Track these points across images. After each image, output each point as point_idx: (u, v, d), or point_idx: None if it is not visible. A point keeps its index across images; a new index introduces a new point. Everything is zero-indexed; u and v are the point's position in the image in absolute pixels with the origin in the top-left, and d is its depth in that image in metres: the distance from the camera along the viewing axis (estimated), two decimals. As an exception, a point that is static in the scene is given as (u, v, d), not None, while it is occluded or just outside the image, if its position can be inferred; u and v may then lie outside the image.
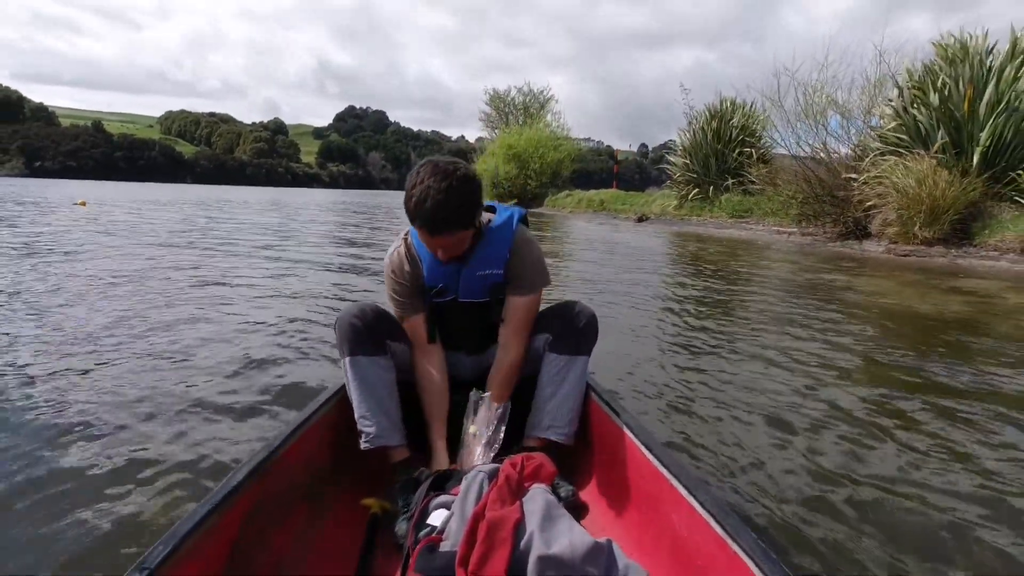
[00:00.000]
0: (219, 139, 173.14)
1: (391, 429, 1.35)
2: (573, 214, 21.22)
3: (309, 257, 6.95)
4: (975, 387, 2.58)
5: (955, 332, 3.75)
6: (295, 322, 3.41)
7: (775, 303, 4.75)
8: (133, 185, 62.55)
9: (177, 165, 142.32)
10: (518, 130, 28.12)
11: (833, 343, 3.31)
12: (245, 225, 11.89)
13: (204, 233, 9.53)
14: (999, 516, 1.51)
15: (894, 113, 9.66)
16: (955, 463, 1.81)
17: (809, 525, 1.44)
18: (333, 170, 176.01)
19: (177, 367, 2.52)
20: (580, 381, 1.44)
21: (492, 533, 0.93)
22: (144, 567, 0.74)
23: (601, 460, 1.40)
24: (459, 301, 1.49)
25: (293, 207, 22.92)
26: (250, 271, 5.54)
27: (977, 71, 8.53)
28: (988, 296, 5.35)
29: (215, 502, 0.89)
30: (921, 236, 8.39)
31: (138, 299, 3.91)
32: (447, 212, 1.25)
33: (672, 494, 1.02)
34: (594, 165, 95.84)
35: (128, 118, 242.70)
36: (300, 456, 1.20)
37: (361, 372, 1.35)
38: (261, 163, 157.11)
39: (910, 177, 8.36)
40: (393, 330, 1.45)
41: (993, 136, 8.23)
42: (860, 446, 1.92)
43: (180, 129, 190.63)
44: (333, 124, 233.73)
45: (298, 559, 1.10)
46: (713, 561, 0.87)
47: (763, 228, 12.70)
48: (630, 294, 4.90)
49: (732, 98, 15.56)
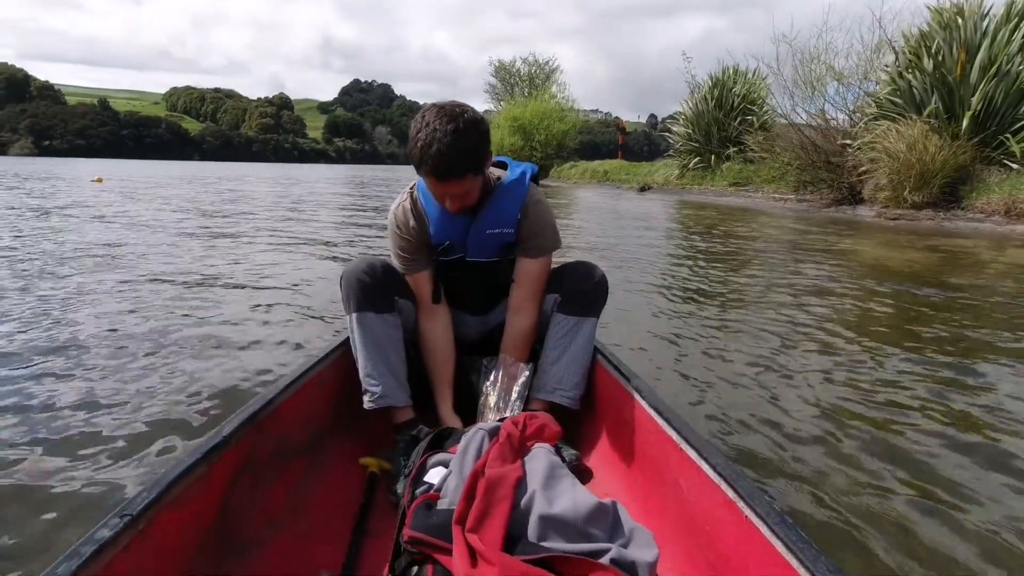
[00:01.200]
0: (225, 115, 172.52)
1: (397, 389, 1.31)
2: (578, 185, 21.43)
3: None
4: (947, 335, 2.98)
5: (929, 287, 4.13)
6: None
7: (766, 264, 5.13)
8: (143, 163, 62.99)
9: (184, 142, 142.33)
10: (523, 102, 28.06)
11: (817, 299, 3.70)
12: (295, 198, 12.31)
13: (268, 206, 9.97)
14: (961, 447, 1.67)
15: (890, 79, 9.79)
16: (930, 401, 2.22)
17: (800, 463, 1.48)
18: (339, 145, 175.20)
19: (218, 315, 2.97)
20: (588, 343, 1.40)
21: (491, 491, 0.90)
22: (125, 514, 0.71)
23: (608, 424, 1.37)
24: (466, 260, 1.43)
25: (307, 182, 23.26)
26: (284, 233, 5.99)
27: (971, 35, 8.64)
28: (964, 254, 5.68)
29: (204, 452, 0.87)
30: (911, 200, 8.63)
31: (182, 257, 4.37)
32: (455, 156, 1.18)
33: (681, 458, 0.99)
34: (602, 136, 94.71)
35: (134, 95, 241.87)
36: (298, 411, 1.18)
37: (369, 329, 1.30)
38: (268, 139, 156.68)
39: (901, 142, 8.56)
40: (402, 287, 1.40)
41: (984, 100, 8.39)
42: (855, 391, 2.04)
43: (185, 106, 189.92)
44: (339, 98, 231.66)
45: (293, 516, 1.08)
46: (723, 525, 0.85)
47: (762, 196, 12.93)
48: (634, 254, 5.29)
49: (735, 66, 15.58)
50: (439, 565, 0.84)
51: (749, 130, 13.50)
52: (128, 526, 0.69)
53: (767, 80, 14.40)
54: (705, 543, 0.90)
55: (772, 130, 12.04)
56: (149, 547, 0.73)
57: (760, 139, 12.17)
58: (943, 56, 8.84)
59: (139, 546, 0.71)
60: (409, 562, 0.88)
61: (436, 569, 0.84)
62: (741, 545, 0.80)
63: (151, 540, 0.74)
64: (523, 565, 0.78)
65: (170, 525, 0.78)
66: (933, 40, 9.11)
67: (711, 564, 0.88)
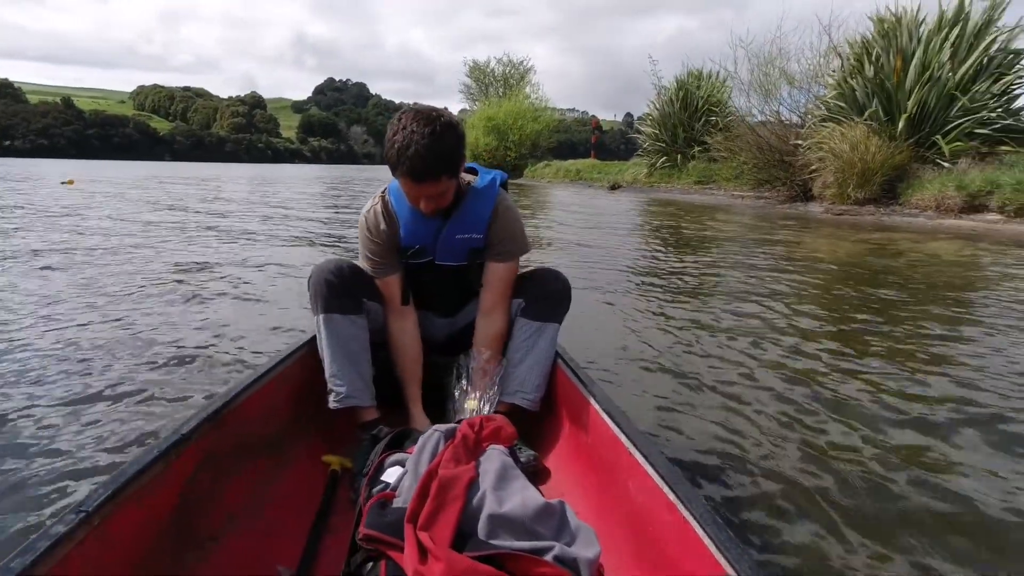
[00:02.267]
0: (195, 114, 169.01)
1: (362, 389, 1.34)
2: (551, 183, 21.91)
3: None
4: (879, 314, 3.47)
5: (864, 274, 4.66)
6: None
7: (718, 255, 5.63)
8: (113, 163, 61.46)
9: (154, 142, 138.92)
10: (497, 102, 28.46)
11: (768, 287, 4.18)
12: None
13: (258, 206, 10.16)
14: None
15: (836, 83, 10.45)
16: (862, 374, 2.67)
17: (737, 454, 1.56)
18: (314, 145, 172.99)
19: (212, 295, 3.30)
20: (550, 348, 1.44)
21: (444, 490, 0.93)
22: (81, 509, 0.71)
23: (565, 427, 1.41)
24: (435, 263, 1.46)
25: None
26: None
27: (907, 43, 9.32)
28: (889, 245, 6.27)
29: (163, 448, 0.87)
30: (854, 197, 9.29)
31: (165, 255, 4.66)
32: (432, 158, 1.20)
33: (630, 462, 1.04)
34: (579, 135, 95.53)
35: (99, 94, 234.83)
36: (261, 408, 1.19)
37: (335, 330, 1.32)
38: (240, 138, 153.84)
39: (845, 143, 9.21)
40: (369, 288, 1.42)
41: (918, 104, 9.07)
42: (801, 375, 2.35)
43: (154, 104, 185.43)
44: (313, 97, 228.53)
45: (253, 512, 1.09)
46: (665, 527, 0.90)
47: (723, 193, 13.56)
48: (602, 247, 5.74)
49: (699, 70, 16.21)
50: (392, 562, 0.87)
51: (712, 131, 14.13)
52: (84, 521, 0.69)
53: (727, 83, 15.06)
54: (647, 542, 0.95)
55: (732, 131, 12.63)
56: (106, 542, 0.73)
57: (720, 139, 12.78)
58: (882, 63, 9.52)
59: (95, 541, 0.71)
60: (364, 559, 0.90)
61: (389, 566, 0.87)
62: (678, 544, 0.85)
63: (108, 535, 0.74)
64: (470, 561, 0.81)
65: (127, 521, 0.78)
66: (874, 48, 9.79)
67: (652, 562, 0.93)
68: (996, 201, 7.68)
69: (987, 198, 7.85)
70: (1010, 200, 7.48)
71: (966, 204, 8.02)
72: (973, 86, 8.82)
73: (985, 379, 2.16)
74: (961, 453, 1.64)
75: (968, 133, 8.79)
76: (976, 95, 8.77)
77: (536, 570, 0.82)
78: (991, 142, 8.73)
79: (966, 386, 2.10)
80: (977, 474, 1.52)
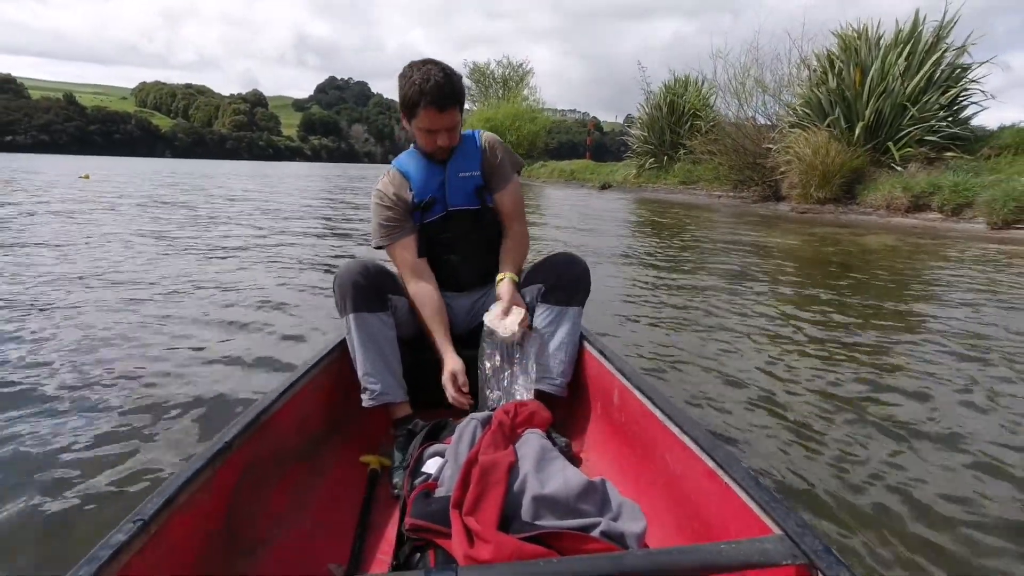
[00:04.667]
0: (196, 112, 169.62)
1: (395, 386, 1.36)
2: (546, 183, 22.81)
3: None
4: (835, 300, 4.34)
5: (822, 264, 5.55)
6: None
7: (690, 247, 6.52)
8: (117, 159, 62.05)
9: (155, 139, 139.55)
10: (495, 104, 29.31)
11: (722, 273, 5.03)
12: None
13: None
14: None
15: (803, 92, 11.35)
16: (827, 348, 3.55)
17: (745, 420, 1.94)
18: (315, 143, 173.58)
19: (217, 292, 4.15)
20: (573, 332, 1.45)
21: (486, 476, 0.94)
22: (138, 518, 0.74)
23: (596, 408, 1.42)
24: (450, 211, 1.51)
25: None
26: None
27: (866, 57, 10.21)
28: (836, 240, 7.17)
29: (207, 458, 0.90)
30: (816, 196, 10.18)
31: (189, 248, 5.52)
32: (450, 86, 1.34)
33: (666, 435, 1.04)
34: (579, 136, 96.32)
35: (100, 90, 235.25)
36: (295, 415, 1.21)
37: (366, 329, 1.35)
38: (241, 136, 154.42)
39: (808, 147, 10.10)
40: (393, 284, 1.44)
41: (875, 113, 9.96)
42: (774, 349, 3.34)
43: (156, 102, 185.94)
44: (314, 96, 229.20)
45: (297, 515, 1.11)
46: (707, 494, 0.91)
47: (704, 193, 14.46)
48: (589, 236, 6.62)
49: (686, 76, 17.11)
50: (440, 549, 0.89)
51: (696, 134, 15.01)
52: (141, 530, 0.73)
53: (707, 90, 15.99)
54: (692, 512, 0.96)
55: (711, 135, 13.51)
56: (162, 549, 0.77)
57: (699, 142, 13.67)
58: (844, 75, 10.41)
59: (152, 549, 0.75)
60: (412, 549, 0.92)
61: (437, 553, 0.89)
62: (723, 510, 0.86)
63: (163, 543, 0.77)
64: (517, 542, 0.82)
65: (180, 527, 0.81)
66: (837, 61, 10.67)
67: (696, 531, 0.94)
68: (937, 201, 8.56)
69: (930, 199, 8.72)
70: (948, 200, 8.35)
71: (911, 204, 8.90)
72: (923, 97, 9.71)
73: (906, 338, 3.05)
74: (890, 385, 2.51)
75: (918, 140, 9.68)
76: (925, 106, 9.66)
77: (584, 546, 0.83)
78: (938, 148, 9.62)
79: (889, 345, 2.94)
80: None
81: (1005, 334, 2.79)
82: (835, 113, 10.37)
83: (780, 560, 0.69)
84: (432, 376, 1.46)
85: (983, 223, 7.67)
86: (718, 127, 13.86)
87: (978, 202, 7.88)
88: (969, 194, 8.08)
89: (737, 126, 12.71)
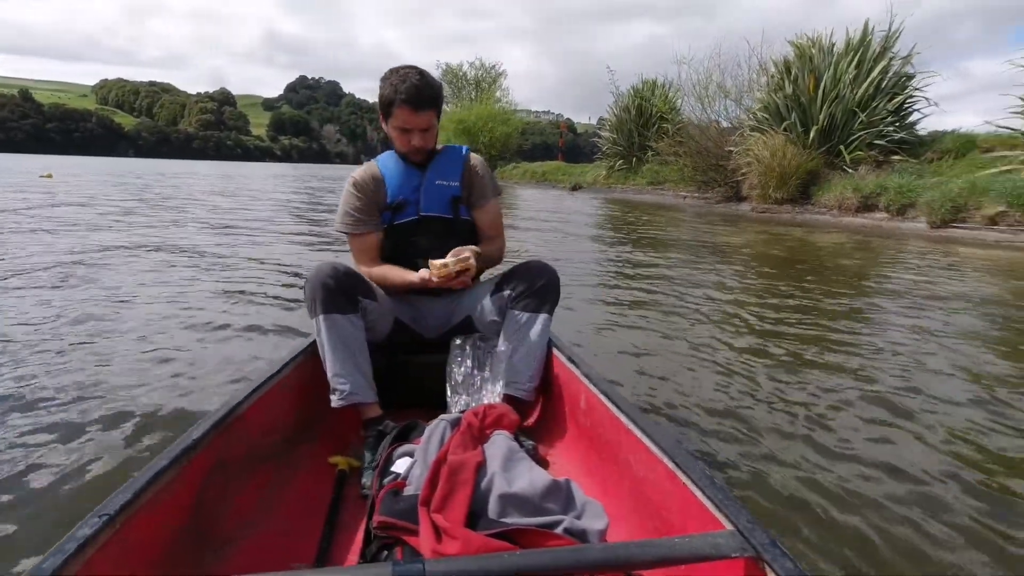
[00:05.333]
0: (161, 110, 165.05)
1: (365, 386, 1.38)
2: (519, 184, 23.07)
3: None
4: (789, 288, 4.65)
5: (750, 256, 5.87)
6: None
7: (655, 244, 6.80)
8: (77, 159, 59.91)
9: (117, 137, 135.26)
10: (468, 105, 29.45)
11: (708, 270, 5.33)
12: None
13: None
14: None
15: (762, 97, 11.85)
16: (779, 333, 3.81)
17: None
18: (286, 143, 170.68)
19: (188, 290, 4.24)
20: (541, 339, 1.48)
21: (454, 475, 0.96)
22: (103, 513, 0.74)
23: (563, 413, 1.46)
24: (422, 216, 1.55)
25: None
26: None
27: (819, 64, 10.74)
28: (785, 237, 7.56)
29: (174, 455, 0.90)
30: (774, 197, 10.65)
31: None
32: (426, 87, 1.41)
33: (629, 438, 1.09)
34: (553, 138, 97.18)
35: (59, 87, 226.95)
36: (265, 415, 1.22)
37: (336, 330, 1.36)
38: (209, 135, 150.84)
39: (766, 150, 10.57)
40: (365, 288, 1.45)
41: (828, 117, 10.48)
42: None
43: (118, 99, 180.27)
44: (284, 95, 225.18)
45: (265, 515, 1.12)
46: (667, 494, 0.95)
47: (671, 194, 14.91)
48: (559, 234, 6.85)
49: (653, 80, 17.58)
50: (408, 546, 0.90)
51: (663, 136, 15.45)
52: (106, 525, 0.73)
53: (673, 94, 16.48)
54: (652, 511, 1.00)
55: (676, 137, 13.96)
56: (127, 545, 0.77)
57: (665, 144, 14.11)
58: (799, 81, 10.92)
59: (117, 545, 0.75)
60: (379, 547, 0.94)
61: (405, 550, 0.90)
62: (681, 508, 0.91)
63: (129, 538, 0.77)
64: (484, 538, 0.85)
65: (146, 524, 0.81)
66: (793, 68, 11.19)
67: (656, 528, 0.98)
68: (883, 202, 9.08)
69: (877, 199, 9.24)
70: (893, 201, 8.87)
71: (861, 204, 9.42)
72: (872, 103, 10.26)
73: (846, 320, 3.33)
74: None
75: (868, 144, 10.23)
76: (874, 111, 10.21)
77: (548, 542, 0.87)
78: (886, 152, 10.19)
79: (829, 322, 3.26)
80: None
81: (938, 324, 3.11)
82: (791, 118, 10.88)
83: (730, 553, 0.73)
84: (402, 378, 1.52)
85: (924, 222, 8.19)
86: (683, 130, 14.32)
87: (920, 203, 8.40)
88: (912, 195, 8.61)
89: (701, 129, 13.15)
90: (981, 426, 1.82)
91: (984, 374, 2.29)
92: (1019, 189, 7.24)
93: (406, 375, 1.53)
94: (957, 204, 7.77)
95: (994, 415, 1.90)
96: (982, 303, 3.62)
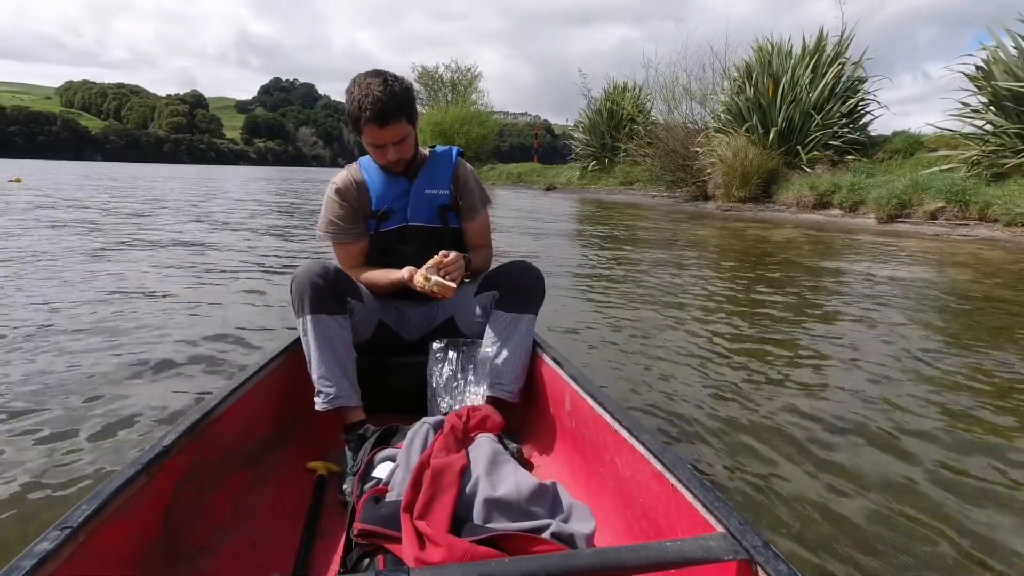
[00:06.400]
0: (130, 113, 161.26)
1: (350, 390, 1.34)
2: (495, 185, 23.37)
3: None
4: (756, 277, 4.98)
5: (711, 249, 6.23)
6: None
7: (623, 239, 7.13)
8: (43, 163, 58.40)
9: (84, 141, 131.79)
10: (444, 108, 29.66)
11: (673, 263, 5.65)
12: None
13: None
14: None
15: (725, 100, 12.35)
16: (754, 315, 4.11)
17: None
18: (260, 146, 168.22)
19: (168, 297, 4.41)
20: (526, 339, 1.46)
21: (437, 479, 0.94)
22: (66, 526, 0.70)
23: (549, 414, 1.44)
24: (408, 225, 1.52)
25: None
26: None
27: (778, 68, 11.26)
28: (742, 232, 7.98)
29: (144, 462, 0.86)
30: (737, 195, 11.13)
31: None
32: (390, 99, 1.33)
33: (616, 439, 1.07)
34: (530, 139, 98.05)
35: (20, 88, 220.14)
36: (240, 419, 1.18)
37: (323, 331, 1.32)
38: (180, 139, 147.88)
39: (729, 151, 11.04)
40: (352, 289, 1.42)
41: (786, 119, 11.01)
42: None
43: (83, 102, 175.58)
44: (258, 97, 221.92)
45: (241, 522, 1.09)
46: (655, 495, 0.93)
47: (642, 193, 15.37)
48: (534, 234, 7.12)
49: (624, 83, 18.06)
50: (390, 554, 0.89)
51: (634, 138, 15.90)
52: (69, 538, 0.69)
53: (643, 96, 16.98)
54: (640, 513, 0.99)
55: (645, 138, 14.41)
56: (92, 558, 0.73)
57: (634, 145, 14.56)
58: (760, 85, 11.43)
59: (82, 558, 0.71)
60: (360, 556, 0.92)
61: (387, 558, 0.89)
62: (670, 510, 0.89)
63: (94, 551, 0.73)
64: (468, 544, 0.83)
65: (113, 536, 0.78)
66: (754, 71, 11.70)
67: (644, 531, 0.97)
68: (837, 199, 9.59)
69: (832, 197, 9.76)
70: (846, 199, 9.39)
71: (817, 201, 9.92)
72: (827, 106, 10.82)
73: (798, 306, 3.66)
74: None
75: (824, 144, 10.78)
76: (829, 114, 10.77)
77: (535, 547, 0.84)
78: (841, 152, 10.75)
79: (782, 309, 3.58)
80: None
81: (870, 304, 3.47)
82: (752, 120, 11.38)
83: (722, 556, 0.72)
84: (384, 381, 1.50)
85: (873, 218, 8.70)
86: (652, 131, 14.79)
87: (869, 199, 8.92)
88: (863, 193, 9.12)
89: (668, 130, 13.61)
90: (939, 409, 1.86)
91: (913, 351, 2.64)
92: (956, 186, 7.77)
93: (387, 378, 1.52)
94: (902, 201, 8.29)
95: (927, 394, 2.00)
96: (911, 286, 4.02)
